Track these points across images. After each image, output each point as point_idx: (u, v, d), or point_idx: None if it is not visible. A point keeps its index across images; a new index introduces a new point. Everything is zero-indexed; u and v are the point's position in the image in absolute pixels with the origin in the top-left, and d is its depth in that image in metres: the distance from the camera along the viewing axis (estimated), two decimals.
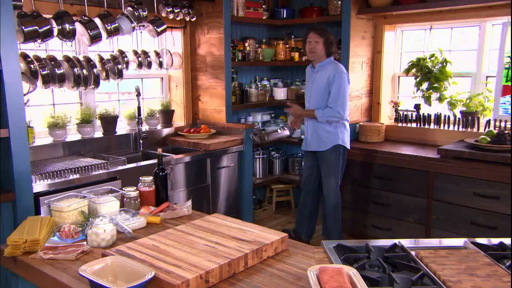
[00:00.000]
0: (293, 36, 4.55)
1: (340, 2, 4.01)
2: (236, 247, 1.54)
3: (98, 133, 3.48)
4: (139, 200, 2.04)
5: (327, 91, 3.30)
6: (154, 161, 3.19)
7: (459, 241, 1.70)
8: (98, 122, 3.49)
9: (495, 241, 1.68)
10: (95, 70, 3.07)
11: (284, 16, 4.46)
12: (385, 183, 3.53)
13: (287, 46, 4.49)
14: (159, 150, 2.16)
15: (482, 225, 3.06)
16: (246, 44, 4.27)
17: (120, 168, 2.97)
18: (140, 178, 2.09)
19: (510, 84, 3.36)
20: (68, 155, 3.18)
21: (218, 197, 3.69)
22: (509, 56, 3.35)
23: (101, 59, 3.20)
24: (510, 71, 3.34)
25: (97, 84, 3.10)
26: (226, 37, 3.80)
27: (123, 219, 1.85)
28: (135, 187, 2.06)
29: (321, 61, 3.37)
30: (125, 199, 2.02)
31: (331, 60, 3.38)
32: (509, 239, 1.67)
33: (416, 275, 1.36)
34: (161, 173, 2.12)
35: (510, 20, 3.19)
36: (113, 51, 3.33)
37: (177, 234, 1.68)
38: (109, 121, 3.48)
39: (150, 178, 2.09)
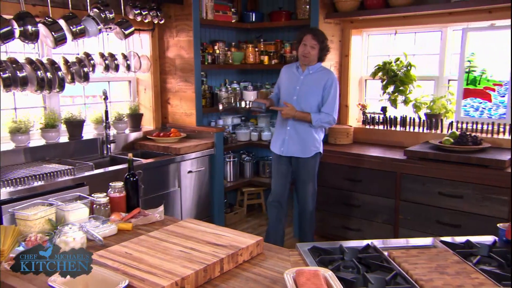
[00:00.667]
0: (262, 40, 4.57)
1: (308, 6, 4.06)
2: (211, 252, 1.53)
3: (64, 138, 3.37)
4: (109, 206, 1.99)
5: (320, 96, 3.22)
6: (123, 166, 3.12)
7: (427, 240, 1.76)
8: (63, 127, 3.38)
9: (459, 239, 1.74)
10: (59, 73, 2.97)
11: (253, 19, 4.48)
12: (354, 184, 3.60)
13: (256, 49, 4.50)
14: (130, 154, 2.12)
15: (447, 223, 3.16)
16: (216, 47, 4.25)
17: (87, 173, 2.89)
18: (111, 184, 2.04)
19: (470, 87, 3.51)
20: (32, 161, 3.06)
21: (189, 202, 3.65)
22: (469, 61, 3.50)
23: (66, 62, 3.10)
24: (470, 74, 3.49)
25: (62, 87, 3.00)
26: (195, 40, 3.77)
27: (93, 226, 1.80)
28: (105, 193, 2.00)
29: (311, 65, 3.26)
30: (94, 205, 1.97)
31: (321, 65, 3.31)
32: (474, 237, 1.74)
33: (389, 275, 1.39)
34: (132, 179, 2.08)
35: None
36: (78, 54, 3.24)
37: (150, 240, 1.65)
38: (75, 125, 3.38)
39: (121, 183, 2.05)
